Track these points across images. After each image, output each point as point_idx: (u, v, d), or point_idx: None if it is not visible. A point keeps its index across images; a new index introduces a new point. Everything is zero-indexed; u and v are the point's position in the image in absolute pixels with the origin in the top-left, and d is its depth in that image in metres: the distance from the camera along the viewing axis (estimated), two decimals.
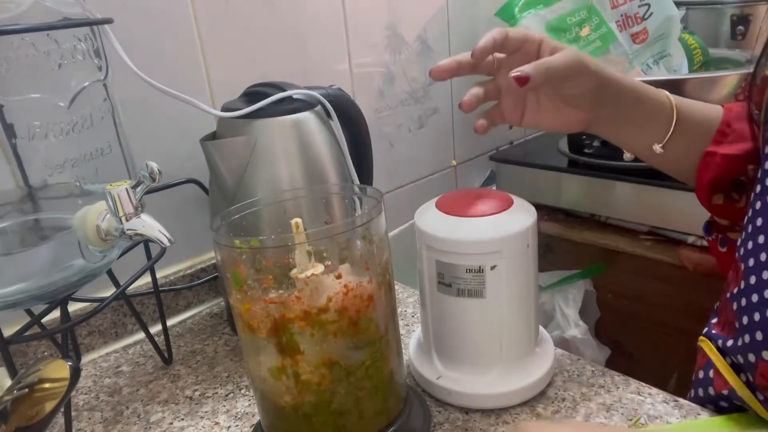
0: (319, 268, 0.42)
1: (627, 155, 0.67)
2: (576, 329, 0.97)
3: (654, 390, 0.52)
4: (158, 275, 0.67)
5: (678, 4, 0.96)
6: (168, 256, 0.63)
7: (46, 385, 0.34)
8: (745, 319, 0.47)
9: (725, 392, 0.49)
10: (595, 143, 1.00)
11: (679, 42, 0.98)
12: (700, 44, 1.02)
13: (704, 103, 0.57)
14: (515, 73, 0.48)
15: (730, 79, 0.85)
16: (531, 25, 0.93)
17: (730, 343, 0.49)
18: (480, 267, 0.48)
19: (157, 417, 0.56)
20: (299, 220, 0.42)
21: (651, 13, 0.94)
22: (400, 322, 0.67)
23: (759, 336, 0.45)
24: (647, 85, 0.55)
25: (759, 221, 0.47)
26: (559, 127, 0.56)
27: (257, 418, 0.53)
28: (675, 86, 0.80)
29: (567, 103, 0.54)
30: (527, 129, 1.24)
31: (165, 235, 0.46)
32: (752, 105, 0.52)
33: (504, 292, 0.49)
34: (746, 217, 0.49)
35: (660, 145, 0.55)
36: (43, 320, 0.56)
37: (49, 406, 0.33)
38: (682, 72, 0.97)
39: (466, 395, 0.52)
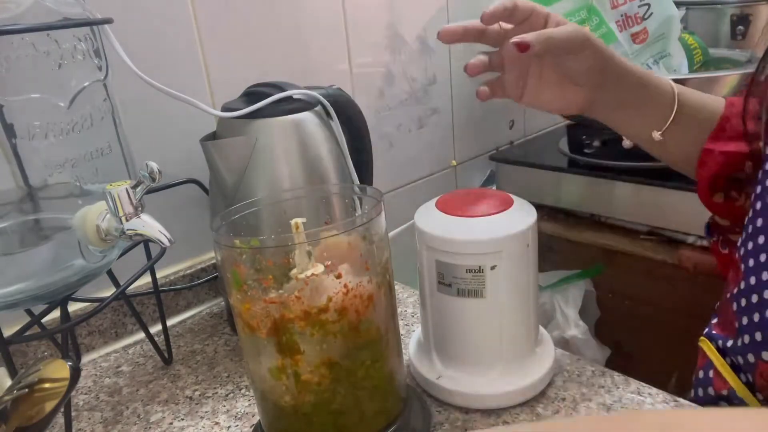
0: (319, 268, 0.42)
1: (626, 142, 0.65)
2: (576, 329, 0.97)
3: (654, 390, 0.52)
4: (158, 275, 0.67)
5: (678, 4, 0.96)
6: (168, 256, 0.63)
7: (46, 385, 0.34)
8: (744, 320, 0.47)
9: (725, 392, 0.49)
10: (596, 143, 1.00)
11: (679, 42, 0.97)
12: (700, 44, 1.02)
13: (707, 95, 0.57)
14: (516, 39, 0.48)
15: (730, 79, 0.85)
16: None
17: (730, 343, 0.49)
18: (480, 267, 0.48)
19: (157, 417, 0.56)
20: (299, 220, 0.42)
21: (651, 13, 0.93)
22: (400, 322, 0.67)
23: (758, 336, 0.45)
24: (651, 71, 0.55)
25: (759, 222, 0.47)
26: (558, 107, 0.56)
27: (257, 418, 0.53)
28: None
29: (570, 80, 0.53)
30: (527, 129, 1.24)
31: (165, 235, 0.46)
32: (749, 104, 0.52)
33: (504, 292, 0.49)
34: (746, 218, 0.49)
35: (659, 132, 0.54)
36: (43, 320, 0.56)
37: (49, 406, 0.33)
38: (682, 72, 0.97)
39: (466, 395, 0.52)
